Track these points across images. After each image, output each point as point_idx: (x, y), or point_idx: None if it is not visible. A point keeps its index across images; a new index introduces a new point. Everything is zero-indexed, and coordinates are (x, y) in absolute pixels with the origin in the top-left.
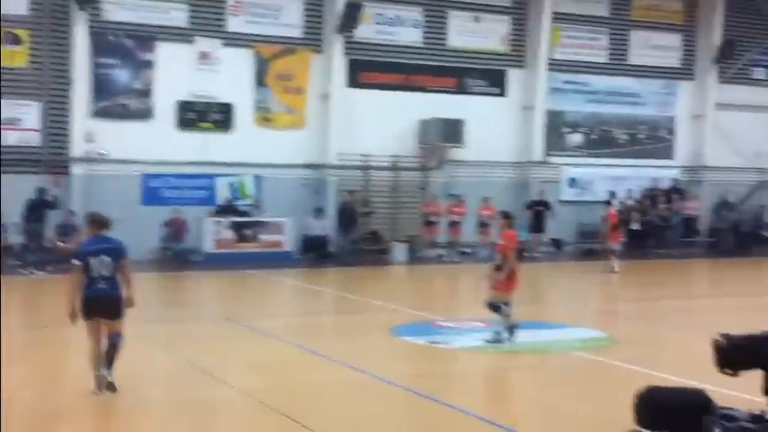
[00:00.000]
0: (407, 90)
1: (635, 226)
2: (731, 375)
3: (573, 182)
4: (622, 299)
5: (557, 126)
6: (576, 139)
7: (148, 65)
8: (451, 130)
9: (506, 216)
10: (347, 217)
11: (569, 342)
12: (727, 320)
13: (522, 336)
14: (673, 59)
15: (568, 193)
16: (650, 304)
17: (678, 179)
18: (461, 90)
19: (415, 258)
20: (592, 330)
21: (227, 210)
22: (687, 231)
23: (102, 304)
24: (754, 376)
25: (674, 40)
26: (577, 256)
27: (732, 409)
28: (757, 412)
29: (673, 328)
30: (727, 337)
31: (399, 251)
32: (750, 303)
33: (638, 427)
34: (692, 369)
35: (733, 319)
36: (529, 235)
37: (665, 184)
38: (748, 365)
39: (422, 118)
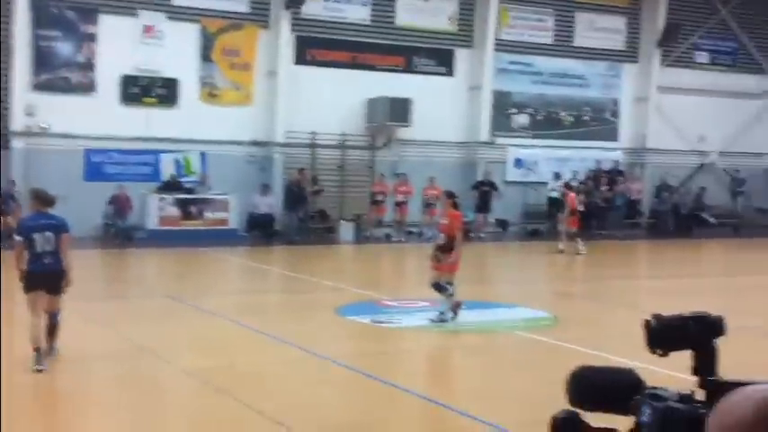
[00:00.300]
0: (355, 68)
1: (579, 207)
2: (661, 356)
3: (518, 162)
4: (567, 279)
5: (503, 107)
6: (521, 119)
7: (91, 38)
8: (399, 109)
9: (450, 196)
10: (294, 195)
11: (513, 322)
12: (667, 301)
13: (467, 315)
14: (617, 42)
15: (514, 174)
16: (593, 285)
17: (621, 161)
18: (409, 69)
19: (361, 237)
20: (535, 310)
21: (171, 186)
22: (630, 213)
23: (48, 279)
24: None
25: (619, 22)
26: (522, 236)
27: (661, 388)
28: (687, 392)
29: (615, 308)
30: (657, 317)
31: (346, 230)
32: (689, 285)
33: (570, 407)
34: (631, 349)
35: (672, 300)
36: (475, 215)
37: (609, 166)
38: (678, 346)
39: (369, 96)
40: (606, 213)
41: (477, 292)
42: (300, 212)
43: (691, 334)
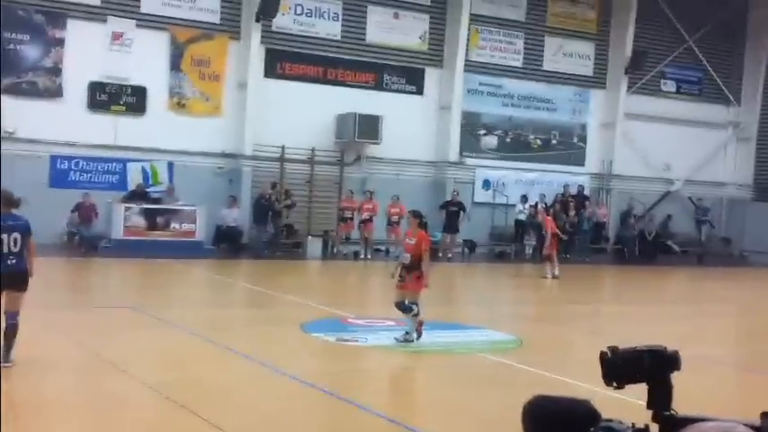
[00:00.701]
0: (325, 83)
1: (553, 231)
2: (616, 388)
3: (486, 184)
4: (532, 302)
5: (472, 127)
6: (490, 141)
7: (59, 42)
8: (368, 126)
9: (417, 216)
10: (264, 209)
11: (477, 343)
12: (630, 328)
13: (432, 336)
14: (585, 68)
15: (482, 195)
16: (559, 308)
17: (588, 185)
18: (379, 86)
19: (329, 254)
20: (500, 332)
21: (138, 196)
22: (595, 238)
23: (12, 278)
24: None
25: (588, 48)
26: (489, 258)
27: (616, 421)
28: (641, 426)
29: (578, 333)
30: (613, 350)
31: (314, 246)
32: (652, 312)
33: None
34: (593, 375)
35: (635, 327)
36: (442, 235)
37: (575, 190)
38: (633, 379)
39: (339, 112)
40: (573, 238)
41: (444, 313)
42: (269, 226)
43: (645, 368)
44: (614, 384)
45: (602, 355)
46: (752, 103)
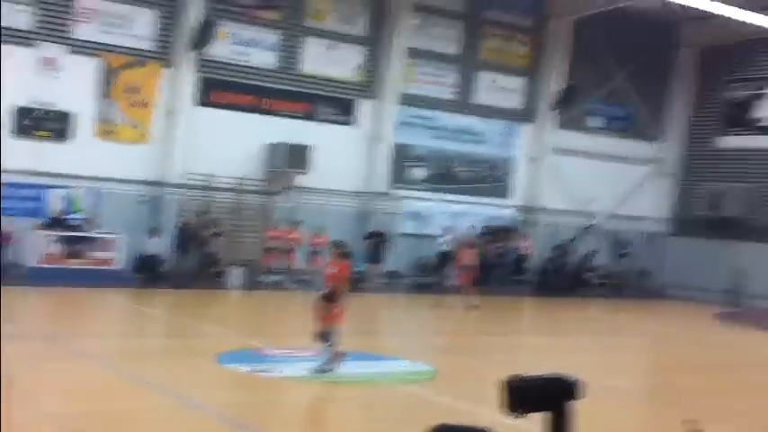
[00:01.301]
0: (257, 112)
1: (477, 263)
2: (518, 416)
3: (413, 215)
4: (452, 333)
5: (402, 159)
6: (419, 172)
7: None
8: (298, 156)
9: (338, 246)
10: (187, 238)
11: (395, 374)
12: (544, 359)
13: (350, 367)
14: (515, 102)
15: (408, 226)
16: (475, 340)
17: (513, 218)
18: (311, 116)
19: (253, 283)
20: (417, 363)
21: (57, 223)
22: (517, 270)
23: None
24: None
25: (518, 83)
26: (413, 289)
27: None
28: None
29: (492, 363)
30: (515, 378)
31: (236, 276)
32: (567, 343)
33: None
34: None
35: (548, 358)
36: (366, 265)
37: (501, 223)
38: (534, 408)
39: (270, 141)
40: (496, 270)
41: (362, 344)
42: (194, 256)
43: (547, 396)
44: (517, 412)
45: (504, 385)
46: (674, 139)
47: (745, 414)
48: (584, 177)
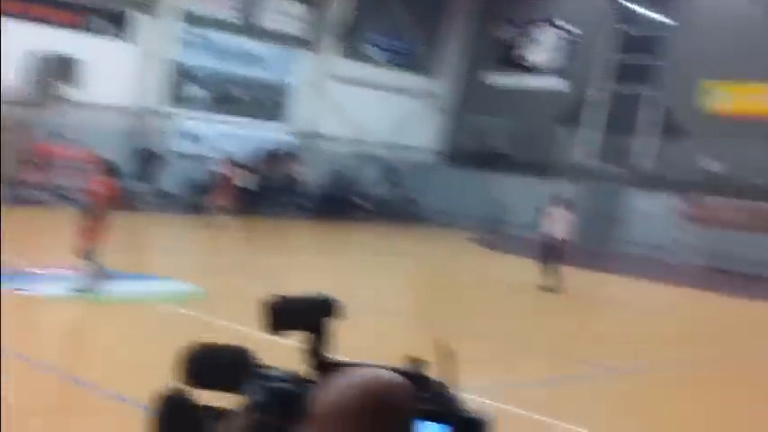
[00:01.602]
0: (25, 19)
1: (251, 186)
2: (278, 335)
3: (188, 135)
4: (222, 254)
5: (180, 78)
6: (197, 93)
7: None
8: (67, 68)
9: (104, 162)
10: None
11: (159, 294)
12: (310, 278)
13: (114, 285)
14: (298, 29)
15: (183, 147)
16: (247, 260)
17: (291, 144)
18: (83, 27)
19: (16, 199)
20: (185, 283)
21: None
22: (294, 194)
23: None
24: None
25: (302, 9)
26: (185, 209)
27: (273, 368)
28: (295, 371)
29: (260, 283)
30: (276, 297)
31: None
32: (334, 264)
33: (181, 384)
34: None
35: (314, 277)
36: (136, 184)
37: (279, 148)
38: (295, 326)
39: (39, 51)
40: (268, 193)
41: (130, 263)
42: None
43: (307, 315)
44: (278, 331)
45: (267, 303)
46: (449, 74)
47: (499, 332)
48: (362, 107)
